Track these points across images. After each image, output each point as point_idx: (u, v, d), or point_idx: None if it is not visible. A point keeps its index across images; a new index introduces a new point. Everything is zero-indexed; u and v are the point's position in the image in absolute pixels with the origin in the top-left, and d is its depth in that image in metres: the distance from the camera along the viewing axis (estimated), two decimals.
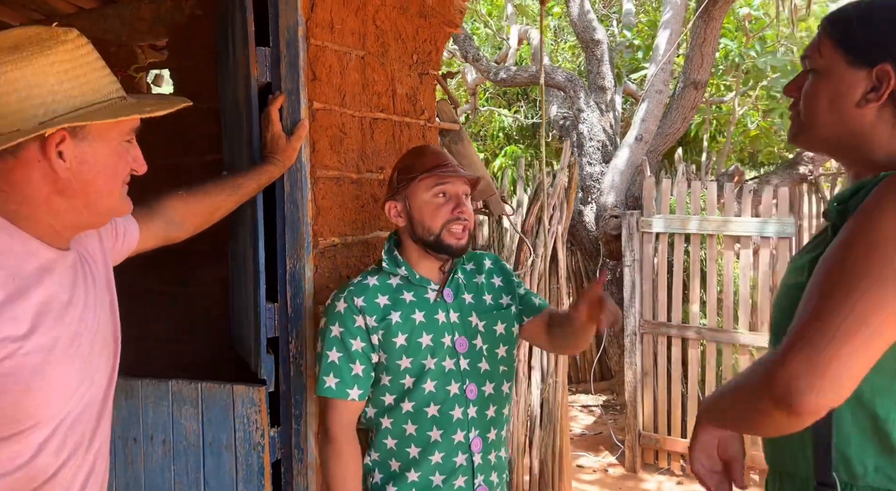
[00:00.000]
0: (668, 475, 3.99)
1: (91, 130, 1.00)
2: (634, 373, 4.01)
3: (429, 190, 1.51)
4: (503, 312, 1.62)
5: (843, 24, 1.02)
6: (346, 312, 1.50)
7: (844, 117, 1.00)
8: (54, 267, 1.02)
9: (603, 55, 5.39)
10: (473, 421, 1.53)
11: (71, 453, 1.04)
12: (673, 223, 3.85)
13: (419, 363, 1.50)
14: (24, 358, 0.94)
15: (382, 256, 1.57)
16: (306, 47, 1.72)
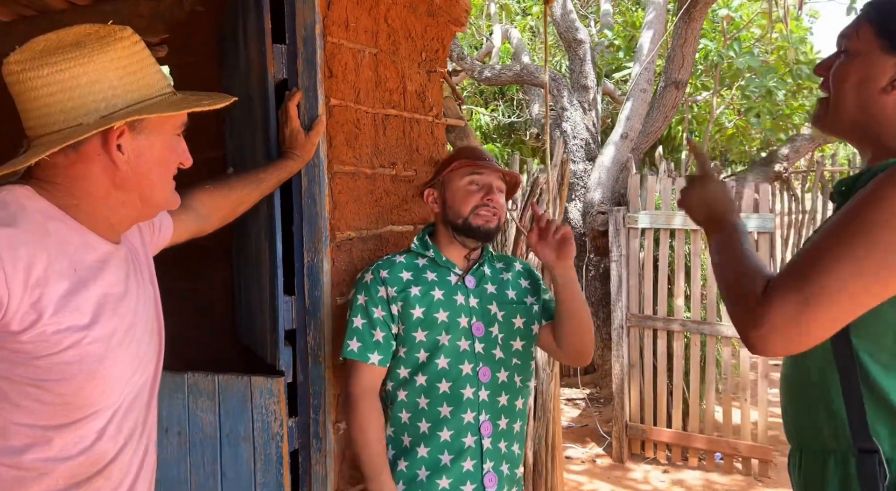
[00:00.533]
0: (655, 464, 4.09)
1: (148, 124, 1.03)
2: (621, 365, 4.11)
3: (463, 178, 1.63)
4: (524, 308, 1.68)
5: (887, 12, 1.07)
6: (372, 282, 1.62)
7: (868, 100, 1.06)
8: (110, 260, 1.05)
9: (585, 54, 5.49)
10: (484, 404, 1.58)
11: (127, 439, 1.08)
12: (658, 219, 3.95)
13: (433, 338, 1.58)
14: (87, 347, 0.97)
15: (415, 239, 1.70)
16: (323, 45, 1.76)
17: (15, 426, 0.95)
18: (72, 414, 0.99)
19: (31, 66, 0.97)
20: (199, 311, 2.56)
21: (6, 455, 0.95)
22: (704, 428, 3.99)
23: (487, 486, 1.58)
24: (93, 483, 1.02)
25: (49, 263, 0.94)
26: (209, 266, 2.57)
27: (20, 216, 0.94)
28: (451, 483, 1.56)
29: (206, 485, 1.86)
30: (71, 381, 0.96)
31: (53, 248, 0.96)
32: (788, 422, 1.17)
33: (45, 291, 0.92)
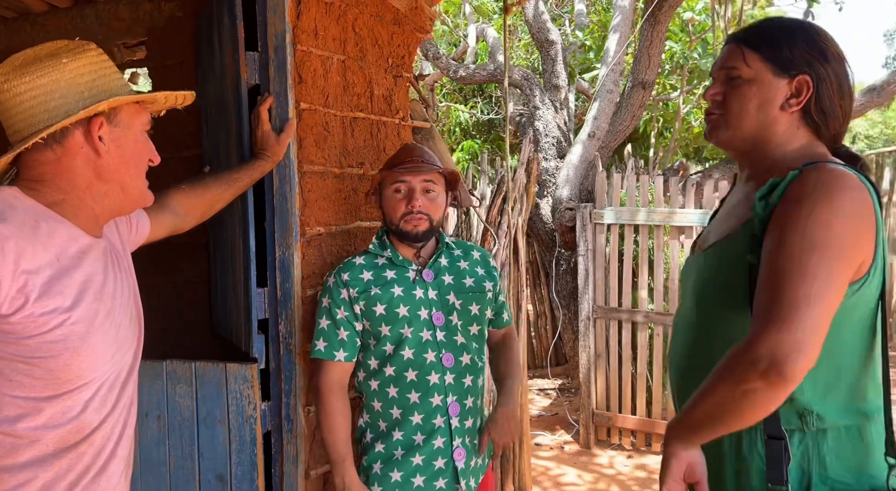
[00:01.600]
0: (619, 450, 4.27)
1: (123, 118, 1.18)
2: (588, 355, 4.27)
3: (390, 186, 1.74)
4: (480, 296, 1.81)
5: (766, 38, 1.20)
6: (334, 286, 1.74)
7: (768, 119, 1.19)
8: (90, 251, 1.18)
9: (557, 55, 5.64)
10: (450, 387, 1.72)
11: (109, 411, 1.20)
12: (623, 215, 4.11)
13: (397, 331, 1.70)
14: (71, 327, 1.09)
15: (373, 240, 1.80)
16: (293, 52, 1.88)
17: (8, 398, 1.07)
18: (59, 387, 1.11)
19: (13, 76, 1.11)
20: (175, 303, 2.67)
21: (2, 424, 1.07)
22: (667, 415, 4.17)
23: (457, 459, 1.72)
24: (78, 448, 1.15)
25: (35, 253, 1.06)
26: (185, 261, 2.68)
27: (8, 213, 1.07)
28: (423, 459, 1.70)
29: (185, 465, 1.98)
30: (57, 357, 1.08)
31: (40, 240, 1.08)
32: (682, 397, 1.26)
33: (31, 278, 1.05)
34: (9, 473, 1.08)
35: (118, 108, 1.18)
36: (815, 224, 1.03)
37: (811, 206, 1.04)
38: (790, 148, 1.20)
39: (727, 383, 1.03)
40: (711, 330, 1.21)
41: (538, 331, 5.88)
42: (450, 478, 1.72)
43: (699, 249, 1.33)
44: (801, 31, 1.20)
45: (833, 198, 1.04)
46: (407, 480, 1.69)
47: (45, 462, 1.11)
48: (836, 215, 1.03)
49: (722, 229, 1.26)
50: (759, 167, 1.23)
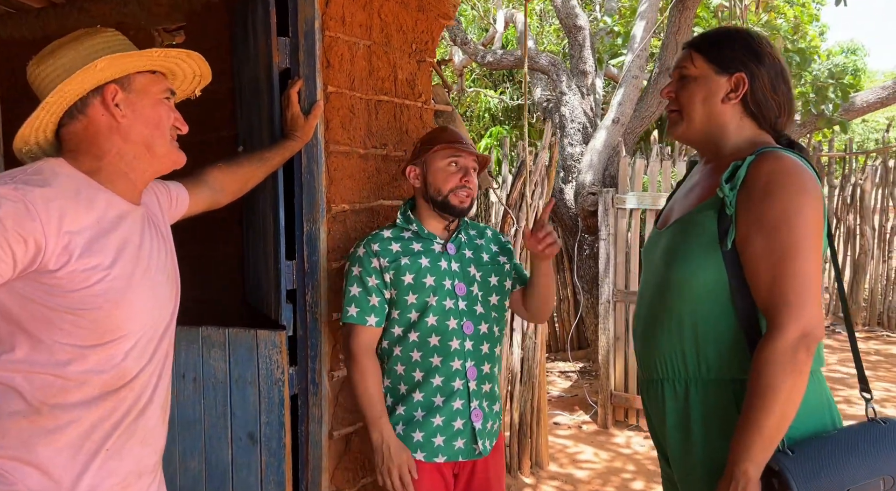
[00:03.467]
0: (637, 431, 4.35)
1: (137, 85, 1.30)
2: (608, 338, 4.35)
3: (444, 159, 1.84)
4: (498, 268, 1.94)
5: (710, 43, 1.42)
6: (365, 255, 1.84)
7: (713, 111, 1.39)
8: (128, 216, 1.31)
9: (585, 40, 5.66)
10: (469, 353, 1.83)
11: (147, 361, 1.34)
12: (645, 200, 4.16)
13: (423, 300, 1.81)
14: (111, 282, 1.23)
15: (398, 215, 1.90)
16: (322, 38, 1.99)
17: (59, 345, 1.21)
18: (102, 336, 1.24)
19: (42, 62, 1.27)
20: (210, 274, 2.83)
21: (54, 367, 1.21)
22: None
23: (475, 421, 1.84)
24: (120, 393, 1.28)
25: (77, 215, 1.20)
26: (221, 236, 2.83)
27: (53, 180, 1.20)
28: (443, 420, 1.82)
29: (218, 423, 2.13)
30: (99, 309, 1.22)
31: (81, 204, 1.22)
32: (656, 354, 1.39)
33: (74, 238, 1.18)
34: (62, 409, 1.22)
35: (132, 76, 1.30)
36: (798, 209, 1.21)
37: (790, 193, 1.22)
38: (740, 137, 1.39)
39: (790, 377, 1.17)
40: (676, 288, 1.35)
41: (560, 315, 5.96)
42: (468, 438, 1.84)
43: (663, 224, 1.49)
44: (741, 38, 1.41)
45: (804, 184, 1.23)
46: (428, 440, 1.81)
47: (91, 403, 1.25)
48: (812, 199, 1.22)
49: (685, 206, 1.43)
50: (714, 154, 1.42)
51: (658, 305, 1.39)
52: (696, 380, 1.32)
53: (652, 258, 1.47)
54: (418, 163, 1.89)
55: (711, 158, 1.43)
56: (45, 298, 1.17)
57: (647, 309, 1.44)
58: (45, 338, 1.19)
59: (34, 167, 1.22)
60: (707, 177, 1.41)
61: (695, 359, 1.32)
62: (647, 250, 1.53)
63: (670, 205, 1.53)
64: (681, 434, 1.33)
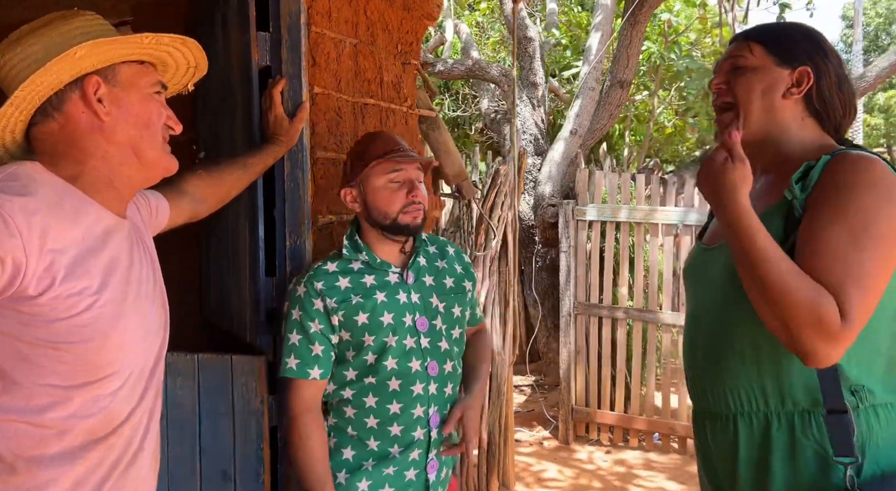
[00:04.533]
0: (598, 446, 4.30)
1: (123, 77, 1.11)
2: (568, 351, 4.29)
3: (383, 176, 1.56)
4: (461, 296, 1.69)
5: (774, 35, 1.30)
6: (306, 296, 1.55)
7: (773, 106, 1.25)
8: (116, 232, 1.12)
9: (535, 52, 5.65)
10: (433, 397, 1.59)
11: (138, 401, 1.13)
12: (605, 212, 4.14)
13: (381, 341, 1.55)
14: (101, 309, 1.03)
15: (344, 242, 1.62)
16: (308, 34, 1.82)
17: (37, 387, 1.00)
18: (90, 374, 1.04)
19: (8, 50, 1.06)
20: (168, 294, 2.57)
21: (30, 414, 1.00)
22: (645, 410, 4.22)
23: (429, 472, 1.62)
24: (108, 440, 1.08)
25: (61, 231, 1.00)
26: (172, 246, 2.58)
27: (32, 187, 1.00)
28: (396, 471, 1.59)
29: (184, 461, 1.90)
30: (88, 342, 1.02)
31: (66, 217, 1.02)
32: (726, 387, 1.24)
33: (57, 257, 0.98)
34: (38, 466, 1.01)
35: (117, 67, 1.11)
36: (870, 212, 1.08)
37: (865, 193, 1.09)
38: (804, 139, 1.26)
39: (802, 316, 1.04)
40: (748, 311, 1.18)
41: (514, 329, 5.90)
42: (419, 490, 1.62)
43: (713, 239, 1.35)
44: (803, 30, 1.30)
45: (892, 192, 1.10)
46: (374, 490, 1.58)
47: (74, 455, 1.04)
48: (889, 202, 1.09)
49: None
50: (774, 158, 1.28)
51: (725, 331, 1.24)
52: (778, 414, 1.18)
53: (705, 277, 1.33)
54: (353, 184, 1.60)
55: (768, 166, 1.29)
56: (21, 331, 0.96)
57: (708, 335, 1.29)
58: (21, 379, 0.98)
59: (7, 172, 1.01)
60: (770, 185, 1.26)
61: (777, 390, 1.18)
62: (693, 269, 1.38)
63: (715, 220, 1.38)
64: (755, 473, 1.20)
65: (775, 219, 1.19)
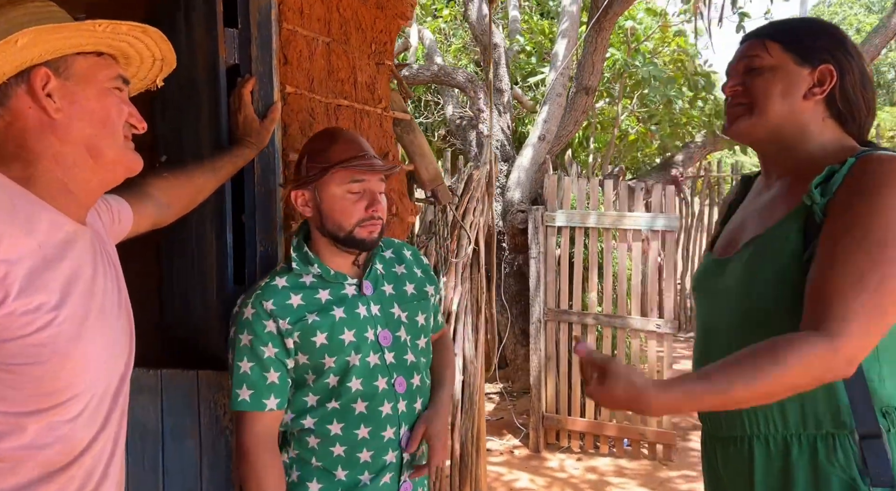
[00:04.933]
0: (568, 453, 4.27)
1: (77, 70, 1.00)
2: (539, 358, 4.25)
3: (342, 184, 1.42)
4: (424, 303, 1.59)
5: (790, 32, 1.21)
6: (255, 317, 1.41)
7: (793, 107, 1.18)
8: (77, 240, 1.02)
9: (500, 58, 5.63)
10: (403, 416, 1.49)
11: (101, 427, 1.04)
12: (574, 218, 4.13)
13: (343, 361, 1.43)
14: (59, 327, 0.93)
15: (292, 253, 1.48)
16: (279, 31, 1.73)
17: None
18: (46, 399, 0.94)
19: None
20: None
21: None
22: (615, 416, 4.21)
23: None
24: (68, 471, 0.98)
25: (15, 239, 0.90)
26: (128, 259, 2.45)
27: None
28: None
29: (146, 484, 1.78)
30: (44, 364, 0.92)
31: (19, 224, 0.92)
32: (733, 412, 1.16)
33: (12, 269, 0.88)
34: None
35: (69, 58, 1.00)
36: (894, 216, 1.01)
37: (890, 195, 1.02)
38: (824, 139, 1.19)
39: (802, 378, 0.98)
40: (766, 323, 1.14)
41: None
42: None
43: (726, 250, 1.28)
44: (823, 27, 1.23)
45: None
46: None
47: (29, 489, 0.94)
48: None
49: (759, 226, 1.21)
50: (793, 162, 1.21)
51: (742, 346, 1.12)
52: (798, 436, 1.10)
53: (719, 290, 1.24)
54: (308, 187, 1.45)
55: (786, 170, 1.22)
56: None
57: (723, 351, 1.16)
58: None
59: None
60: (786, 190, 1.19)
61: (798, 410, 1.10)
62: (705, 281, 1.30)
63: (731, 229, 1.30)
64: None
65: (792, 226, 1.12)
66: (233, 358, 1.44)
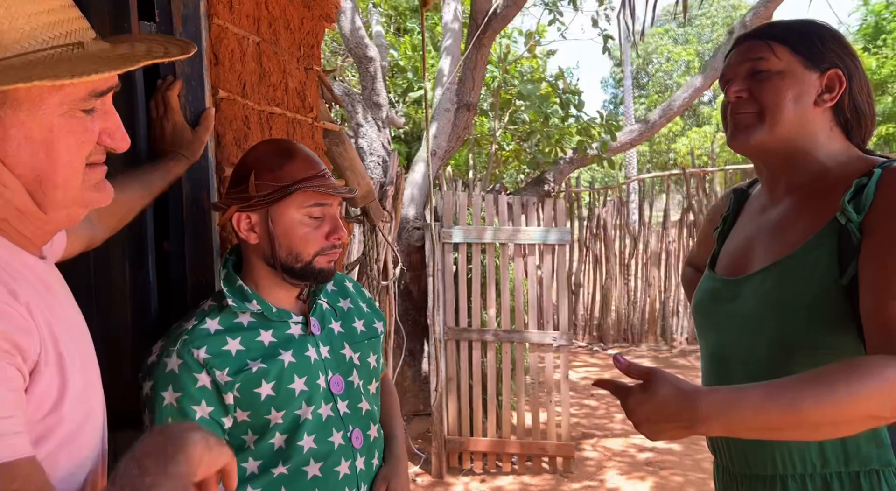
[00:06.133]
0: (472, 475, 4.17)
1: (13, 96, 0.72)
2: (440, 380, 4.13)
3: (303, 208, 1.24)
4: (375, 341, 1.42)
5: (796, 34, 1.14)
6: (183, 370, 1.17)
7: (805, 114, 1.11)
8: (48, 278, 0.78)
9: (376, 72, 5.49)
10: (363, 474, 1.30)
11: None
12: (471, 234, 4.07)
13: (293, 415, 1.22)
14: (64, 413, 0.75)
15: (223, 288, 1.26)
16: (209, 27, 1.49)
17: None
18: None
19: None
20: None
21: None
22: (517, 432, 4.18)
23: None
24: None
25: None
26: None
27: None
28: None
29: None
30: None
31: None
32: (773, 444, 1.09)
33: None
34: None
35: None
36: None
37: None
38: (832, 150, 1.13)
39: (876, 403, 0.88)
40: (793, 353, 1.06)
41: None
42: None
43: (735, 270, 1.20)
44: (827, 28, 1.15)
45: None
46: None
47: None
48: None
49: (780, 246, 1.13)
50: (803, 175, 1.14)
51: (770, 376, 1.03)
52: (839, 474, 1.04)
53: (733, 313, 1.16)
54: (257, 209, 1.24)
55: (794, 183, 1.15)
56: None
57: (747, 381, 1.08)
58: None
59: None
60: (801, 206, 1.13)
61: (840, 447, 1.04)
62: (713, 303, 1.21)
63: (735, 248, 1.23)
64: None
65: (824, 247, 1.05)
66: (152, 421, 1.17)
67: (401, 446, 1.45)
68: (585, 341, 8.29)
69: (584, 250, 8.44)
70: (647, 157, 24.32)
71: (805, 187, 1.14)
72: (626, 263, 8.40)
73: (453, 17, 5.01)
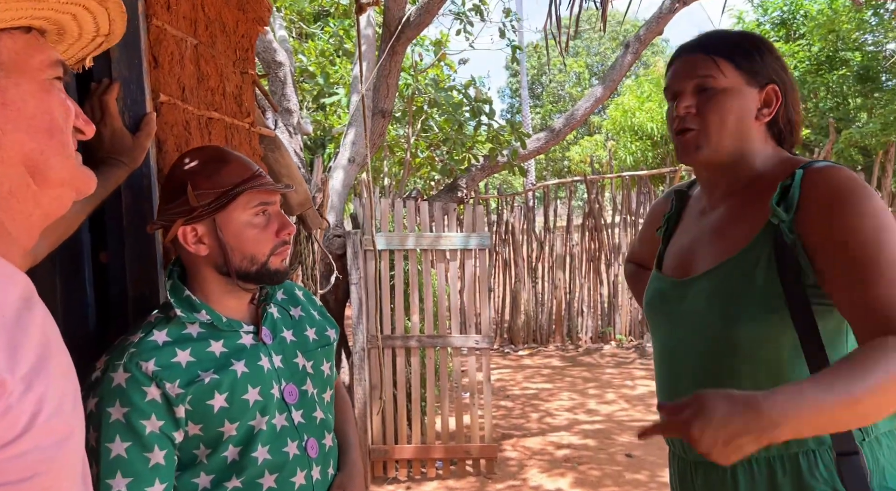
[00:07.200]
0: (396, 483, 4.16)
1: (2, 57, 0.69)
2: (364, 389, 4.09)
3: (248, 209, 1.22)
4: (328, 349, 1.41)
5: (738, 49, 1.19)
6: (131, 383, 1.12)
7: (746, 129, 1.19)
8: (30, 294, 0.71)
9: (286, 77, 5.38)
10: (318, 484, 1.29)
11: None
12: (394, 240, 4.06)
13: (246, 426, 1.20)
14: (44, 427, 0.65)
15: (169, 298, 1.23)
16: (147, 28, 1.42)
17: None
18: None
19: None
20: None
21: None
22: (441, 436, 4.20)
23: None
24: None
25: None
26: None
27: None
28: None
29: None
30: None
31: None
32: None
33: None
34: None
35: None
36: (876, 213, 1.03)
37: (861, 200, 1.04)
38: (766, 156, 1.22)
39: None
40: (745, 350, 1.13)
41: None
42: None
43: (681, 271, 1.27)
44: (762, 41, 1.21)
45: (871, 191, 1.07)
46: None
47: None
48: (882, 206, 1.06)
49: (722, 249, 1.20)
50: (740, 181, 1.22)
51: (717, 368, 1.14)
52: (781, 457, 1.10)
53: (682, 311, 1.22)
54: (202, 220, 1.21)
55: (733, 189, 1.23)
56: None
57: (695, 374, 1.18)
58: None
59: None
60: (738, 210, 1.20)
61: None
62: (662, 302, 1.28)
63: (678, 249, 1.29)
64: None
65: (763, 246, 1.12)
66: (99, 439, 1.11)
67: (356, 452, 1.44)
68: (496, 344, 8.45)
69: (493, 255, 8.63)
70: (543, 164, 25.19)
71: (740, 191, 1.23)
72: (534, 266, 8.65)
73: (367, 24, 5.00)
